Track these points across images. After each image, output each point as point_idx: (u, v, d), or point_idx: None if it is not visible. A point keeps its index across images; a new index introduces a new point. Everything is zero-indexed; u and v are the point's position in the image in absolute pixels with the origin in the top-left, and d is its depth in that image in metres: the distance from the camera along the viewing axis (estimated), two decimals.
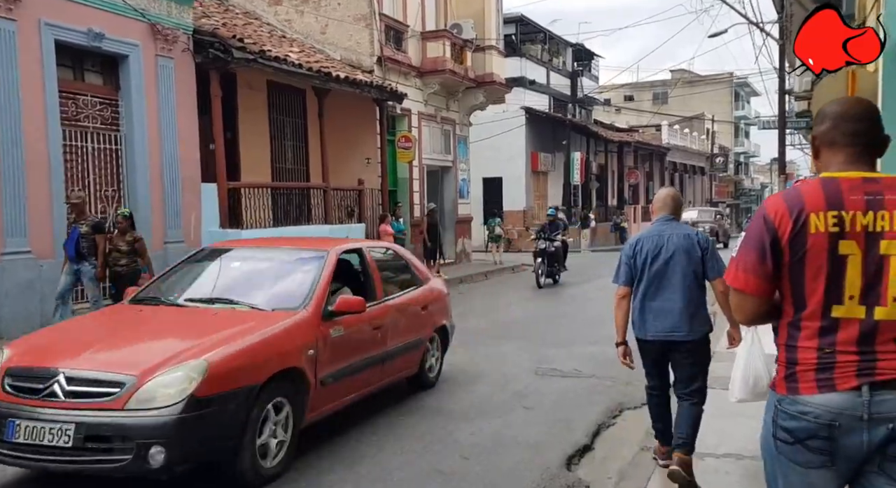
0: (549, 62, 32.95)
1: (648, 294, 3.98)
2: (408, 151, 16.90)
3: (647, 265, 3.98)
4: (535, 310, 11.66)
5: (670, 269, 3.93)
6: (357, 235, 15.15)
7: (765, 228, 1.97)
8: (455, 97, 20.07)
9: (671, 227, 4.04)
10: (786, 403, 1.98)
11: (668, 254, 3.94)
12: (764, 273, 1.98)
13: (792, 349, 1.99)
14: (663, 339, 3.96)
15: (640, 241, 4.08)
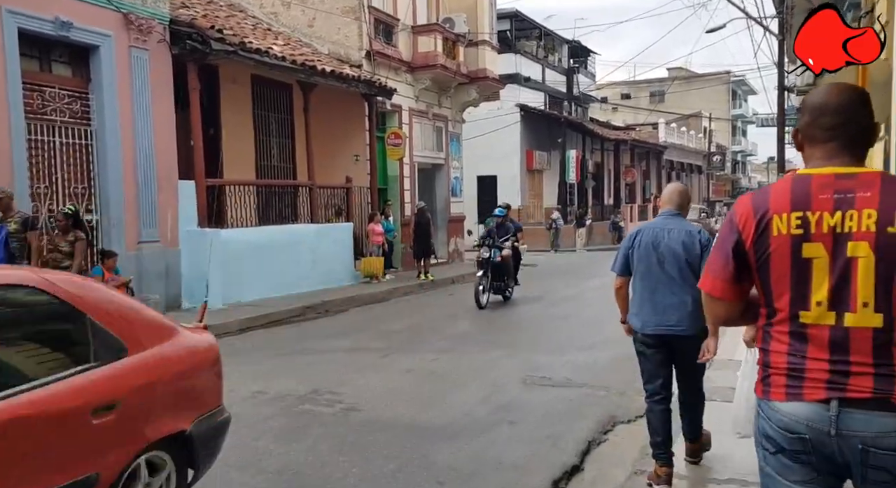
0: (544, 59, 32.50)
1: (646, 287, 3.97)
2: (397, 148, 16.44)
3: (643, 257, 3.97)
4: (527, 313, 11.21)
5: (668, 264, 3.90)
6: (345, 235, 14.71)
7: (729, 231, 1.93)
8: (447, 93, 19.61)
9: (674, 222, 4.01)
10: (764, 408, 1.94)
11: (666, 248, 3.91)
12: (727, 276, 1.94)
13: (766, 352, 1.94)
14: (664, 334, 3.91)
15: (640, 233, 4.06)
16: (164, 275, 10.55)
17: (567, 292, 13.91)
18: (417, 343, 8.46)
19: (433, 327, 9.67)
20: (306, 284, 13.24)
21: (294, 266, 13.01)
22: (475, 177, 29.50)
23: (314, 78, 13.31)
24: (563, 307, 11.76)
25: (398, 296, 13.76)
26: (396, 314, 11.29)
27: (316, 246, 13.66)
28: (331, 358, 7.56)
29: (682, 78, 62.93)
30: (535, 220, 30.00)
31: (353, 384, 6.39)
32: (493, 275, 11.70)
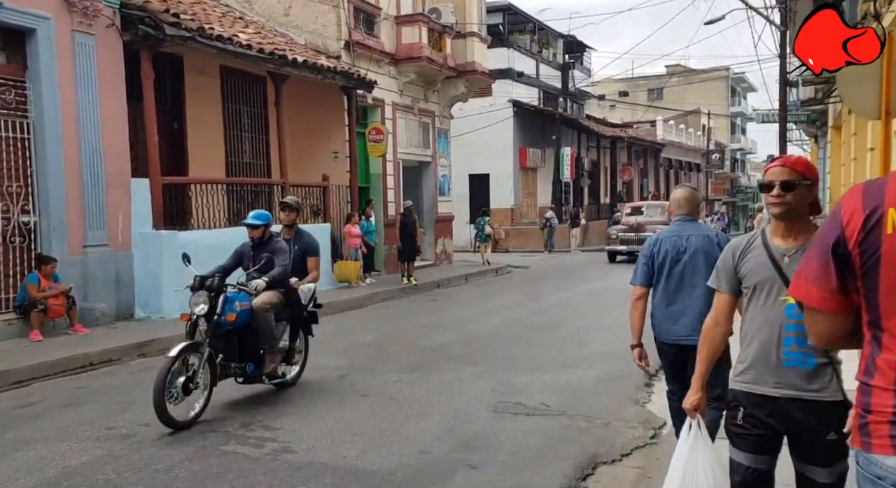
0: (538, 54, 31.61)
1: (668, 296, 3.95)
2: (379, 144, 15.56)
3: (667, 266, 3.94)
4: (511, 322, 10.34)
5: (690, 271, 3.89)
6: (322, 236, 13.80)
7: (832, 225, 1.59)
8: (434, 87, 18.73)
9: (690, 228, 4.00)
10: (862, 461, 1.57)
11: (688, 255, 3.90)
12: (827, 282, 1.58)
13: (867, 390, 1.55)
14: (686, 343, 3.82)
15: (660, 242, 4.02)
16: (114, 281, 9.67)
17: (557, 297, 13.04)
18: (382, 360, 7.59)
19: (405, 339, 8.80)
20: None
21: None
22: (467, 176, 28.67)
23: (285, 68, 12.43)
24: (551, 315, 10.89)
25: (376, 302, 12.89)
26: (369, 324, 10.42)
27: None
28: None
29: (680, 72, 62.14)
30: (528, 220, 29.15)
31: (295, 414, 5.51)
32: (224, 344, 5.69)
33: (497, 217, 28.30)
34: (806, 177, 2.39)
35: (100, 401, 5.95)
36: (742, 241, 2.58)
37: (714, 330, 2.65)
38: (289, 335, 6.27)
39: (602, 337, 8.84)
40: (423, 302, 12.85)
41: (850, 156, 12.66)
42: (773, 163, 2.46)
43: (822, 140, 26.15)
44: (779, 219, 2.44)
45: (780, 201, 2.38)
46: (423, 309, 11.90)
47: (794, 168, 2.40)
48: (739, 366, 2.53)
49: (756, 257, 2.49)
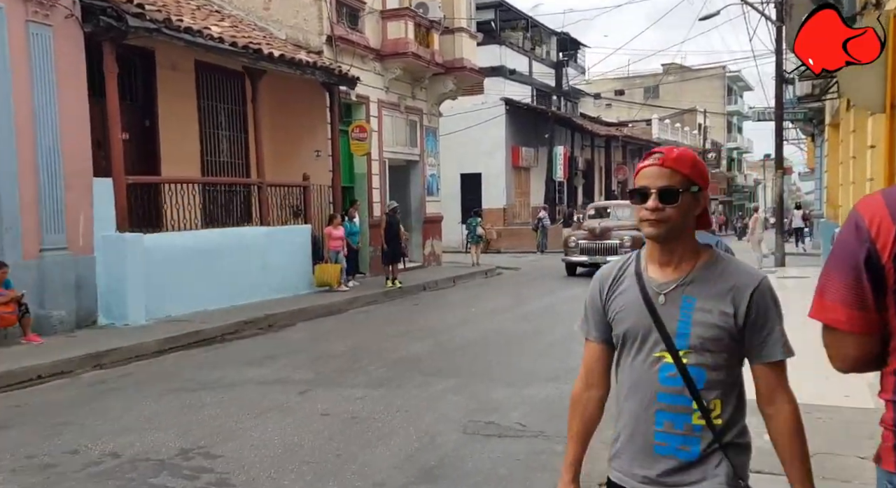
0: (531, 51, 31.11)
1: None
2: (363, 143, 15.06)
3: None
4: (494, 329, 9.85)
5: None
6: (301, 238, 13.35)
7: (857, 239, 1.44)
8: (421, 84, 18.23)
9: None
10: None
11: None
12: (860, 301, 1.43)
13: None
14: None
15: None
16: (74, 287, 9.15)
17: (544, 301, 12.55)
18: (351, 372, 7.09)
19: (378, 348, 8.30)
20: (254, 294, 11.89)
21: (239, 274, 11.65)
22: (458, 175, 28.20)
23: (260, 63, 11.92)
24: (535, 321, 10.40)
25: (358, 306, 12.40)
26: (345, 330, 9.93)
27: (266, 251, 12.30)
28: (235, 395, 6.18)
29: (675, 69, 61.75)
30: (521, 220, 28.68)
31: (243, 438, 5.01)
32: None
33: (489, 217, 27.83)
34: (693, 182, 1.71)
35: (32, 423, 5.44)
36: (613, 269, 1.87)
37: (584, 395, 1.89)
38: None
39: None
40: (406, 306, 12.35)
41: (848, 154, 12.19)
42: (647, 162, 1.74)
43: (818, 138, 25.71)
44: (655, 241, 1.75)
45: (658, 217, 1.68)
46: (405, 314, 11.41)
47: (676, 168, 1.70)
48: (613, 446, 1.84)
49: (626, 293, 1.80)
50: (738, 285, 1.69)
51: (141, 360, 7.99)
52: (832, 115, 14.84)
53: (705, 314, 1.69)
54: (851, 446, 4.53)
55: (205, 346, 8.77)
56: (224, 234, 11.65)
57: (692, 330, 1.69)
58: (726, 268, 1.74)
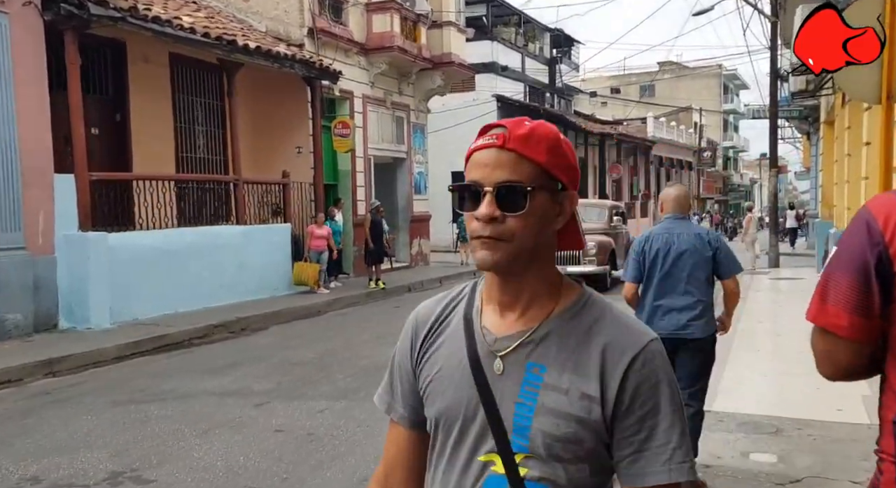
0: (524, 47, 30.67)
1: (658, 292, 3.96)
2: (345, 139, 14.63)
3: (658, 263, 3.96)
4: None
5: (679, 268, 3.92)
6: (281, 237, 12.92)
7: (868, 241, 1.29)
8: (408, 79, 17.81)
9: (680, 226, 4.02)
10: None
11: (677, 253, 3.93)
12: (866, 307, 1.29)
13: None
14: (671, 337, 3.79)
15: (650, 240, 4.03)
16: (32, 288, 8.71)
17: None
18: (314, 382, 6.67)
19: (350, 355, 7.88)
20: (230, 295, 11.47)
21: (213, 275, 11.23)
22: (449, 173, 27.74)
23: (236, 56, 11.49)
24: None
25: (337, 308, 11.98)
26: (318, 334, 9.51)
27: (243, 251, 11.88)
28: (186, 408, 5.76)
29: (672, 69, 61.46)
30: None
31: (183, 459, 4.59)
32: None
33: None
34: (552, 175, 1.09)
35: None
36: (436, 308, 1.23)
37: (385, 483, 1.26)
38: None
39: None
40: (387, 308, 11.93)
41: (843, 151, 11.81)
42: (480, 142, 1.12)
43: (814, 137, 25.36)
44: (492, 271, 1.11)
45: (494, 233, 1.07)
46: (383, 317, 10.99)
47: (525, 153, 1.07)
48: None
49: (445, 349, 1.17)
50: (610, 348, 1.06)
51: (98, 367, 7.57)
52: (827, 112, 14.46)
53: (558, 396, 1.05)
54: (845, 469, 4.14)
55: (169, 352, 8.35)
56: (198, 234, 11.22)
57: (535, 422, 1.06)
58: (599, 319, 1.09)
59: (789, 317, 9.13)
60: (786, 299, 11.72)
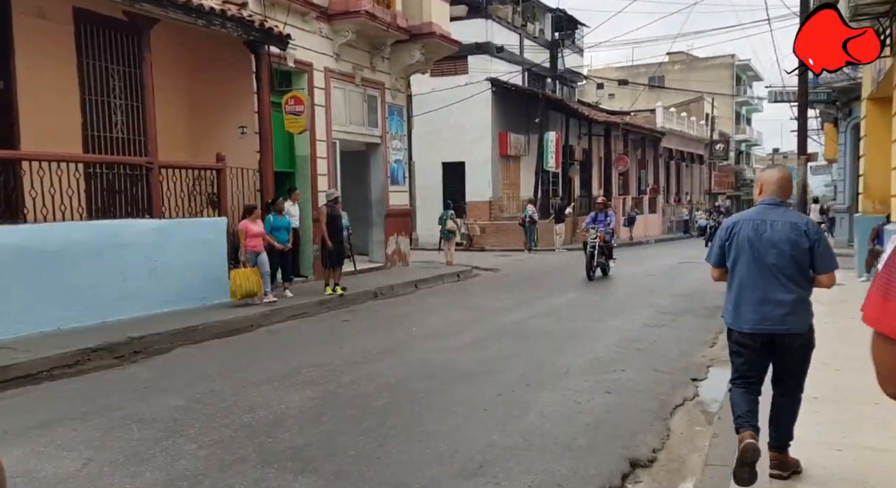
0: (522, 27, 28.26)
1: (746, 284, 3.65)
2: (299, 118, 12.32)
3: (745, 252, 3.64)
4: (429, 362, 7.12)
5: (770, 258, 3.58)
6: (212, 234, 10.63)
7: None
8: (381, 52, 15.48)
9: (777, 213, 3.64)
10: None
11: (768, 242, 3.59)
12: None
13: None
14: (764, 332, 3.59)
15: (739, 224, 3.71)
16: None
17: (512, 317, 9.81)
18: (151, 455, 4.35)
19: (232, 402, 5.54)
20: (137, 307, 9.25)
21: (114, 281, 9.01)
22: (440, 164, 25.51)
23: (141, 5, 9.17)
24: (492, 348, 7.66)
25: (274, 322, 9.70)
26: (216, 363, 7.21)
27: (157, 251, 9.64)
28: None
29: (682, 60, 58.89)
30: (510, 214, 25.94)
31: None
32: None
33: (473, 211, 25.14)
34: None
35: None
36: None
37: None
38: None
39: (548, 396, 5.64)
40: (333, 324, 9.62)
41: None
42: None
43: (843, 123, 22.90)
44: None
45: None
46: (321, 336, 8.69)
47: None
48: None
49: None
50: None
51: None
52: (876, 86, 12.05)
53: None
54: None
55: (3, 391, 6.07)
56: (94, 230, 8.95)
57: None
58: None
59: (838, 338, 6.78)
60: (829, 311, 9.35)
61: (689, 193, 44.34)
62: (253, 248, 10.60)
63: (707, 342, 8.22)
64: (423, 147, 24.74)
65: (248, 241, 10.60)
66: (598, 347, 7.71)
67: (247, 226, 10.60)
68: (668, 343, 8.04)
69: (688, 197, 43.21)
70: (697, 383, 6.39)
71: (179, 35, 11.22)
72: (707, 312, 10.26)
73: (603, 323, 9.27)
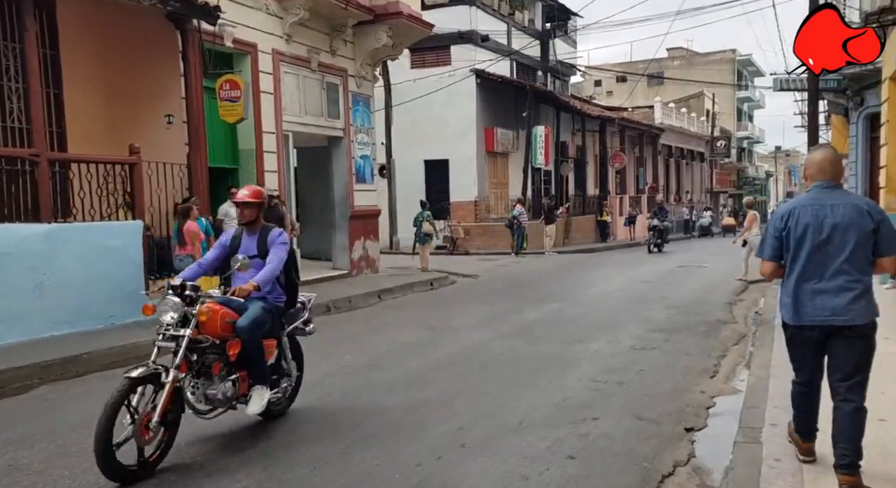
0: (510, 16, 26.61)
1: (807, 274, 3.42)
2: (235, 105, 10.67)
3: (807, 240, 3.41)
4: (339, 413, 5.48)
5: (836, 245, 3.36)
6: (122, 240, 8.93)
7: None
8: (342, 34, 13.83)
9: (835, 196, 3.43)
10: None
11: (832, 227, 3.35)
12: None
13: None
14: (824, 324, 3.37)
15: (796, 212, 3.47)
16: None
17: (474, 338, 8.13)
18: None
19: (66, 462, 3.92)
20: (19, 330, 7.63)
21: None
22: (422, 162, 23.89)
23: None
24: (426, 388, 5.99)
25: None
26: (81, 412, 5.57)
27: (47, 261, 8.00)
28: None
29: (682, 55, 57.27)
30: (497, 215, 24.29)
31: None
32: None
33: (458, 212, 23.50)
34: None
35: None
36: None
37: None
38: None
39: (486, 467, 4.00)
40: None
41: None
42: None
43: (854, 114, 21.20)
44: None
45: None
46: None
47: None
48: None
49: None
50: None
51: None
52: None
53: None
54: None
55: None
56: None
57: None
58: None
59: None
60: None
61: (690, 192, 42.64)
62: (191, 252, 9.10)
63: (707, 371, 6.57)
64: (404, 143, 23.11)
65: (189, 245, 9.09)
66: (569, 382, 6.06)
67: (194, 228, 9.12)
68: (657, 373, 6.40)
69: (688, 196, 41.51)
70: (694, 436, 4.76)
71: (92, 8, 9.61)
72: (707, 329, 8.60)
73: (582, 345, 7.61)
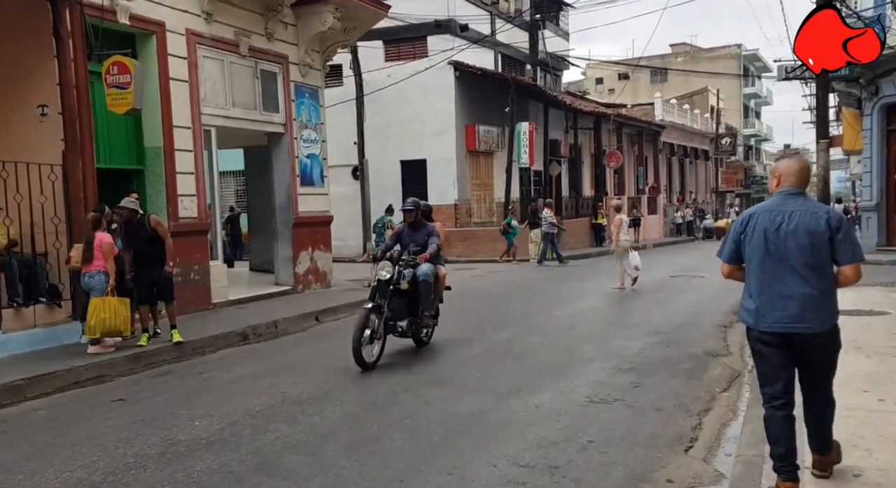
0: (494, 5, 24.76)
1: (766, 278, 3.45)
2: (124, 93, 8.82)
3: (763, 244, 3.45)
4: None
5: (792, 251, 3.39)
6: None
7: None
8: (279, 15, 12.01)
9: (796, 203, 3.46)
10: None
11: (787, 233, 3.40)
12: None
13: None
14: (784, 332, 3.39)
15: (755, 216, 3.53)
16: None
17: (378, 390, 6.27)
18: None
19: None
20: None
21: None
22: (398, 163, 22.07)
23: None
24: (320, 450, 4.15)
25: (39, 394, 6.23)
26: None
27: None
28: None
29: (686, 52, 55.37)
30: (479, 220, 22.42)
31: None
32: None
33: (437, 216, 21.52)
34: None
35: None
36: None
37: None
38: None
39: None
40: (101, 404, 6.13)
41: None
42: None
43: (868, 105, 19.25)
44: None
45: None
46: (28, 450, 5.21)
47: None
48: None
49: None
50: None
51: None
52: None
53: None
54: None
55: None
56: None
57: None
58: None
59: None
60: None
61: (694, 192, 40.60)
62: (103, 268, 7.48)
63: (682, 438, 4.72)
64: (378, 143, 21.33)
65: (97, 261, 7.49)
66: (478, 470, 4.19)
67: (107, 239, 7.52)
68: (611, 447, 4.53)
69: (692, 196, 39.48)
70: None
71: None
72: (692, 366, 6.72)
73: (521, 398, 5.73)
